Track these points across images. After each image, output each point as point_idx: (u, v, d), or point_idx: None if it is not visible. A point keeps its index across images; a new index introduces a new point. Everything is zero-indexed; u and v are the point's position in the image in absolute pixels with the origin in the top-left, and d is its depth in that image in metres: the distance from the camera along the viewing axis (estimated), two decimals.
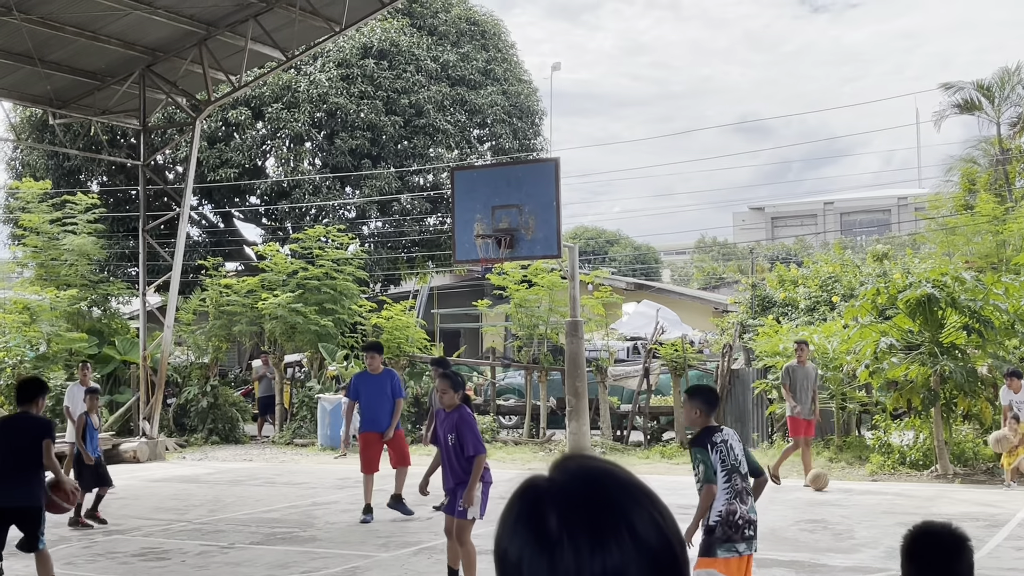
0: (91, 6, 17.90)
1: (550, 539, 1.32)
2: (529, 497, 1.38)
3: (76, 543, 11.71)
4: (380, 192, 30.15)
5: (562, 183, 17.02)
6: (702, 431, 6.92)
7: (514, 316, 23.40)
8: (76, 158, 29.59)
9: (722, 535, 6.73)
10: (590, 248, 61.33)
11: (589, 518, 1.32)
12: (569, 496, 1.35)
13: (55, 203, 25.21)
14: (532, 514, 1.35)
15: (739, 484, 6.81)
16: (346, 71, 30.43)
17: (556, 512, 1.33)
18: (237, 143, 29.98)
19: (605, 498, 1.35)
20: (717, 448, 6.80)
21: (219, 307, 25.28)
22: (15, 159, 31.54)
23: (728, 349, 21.32)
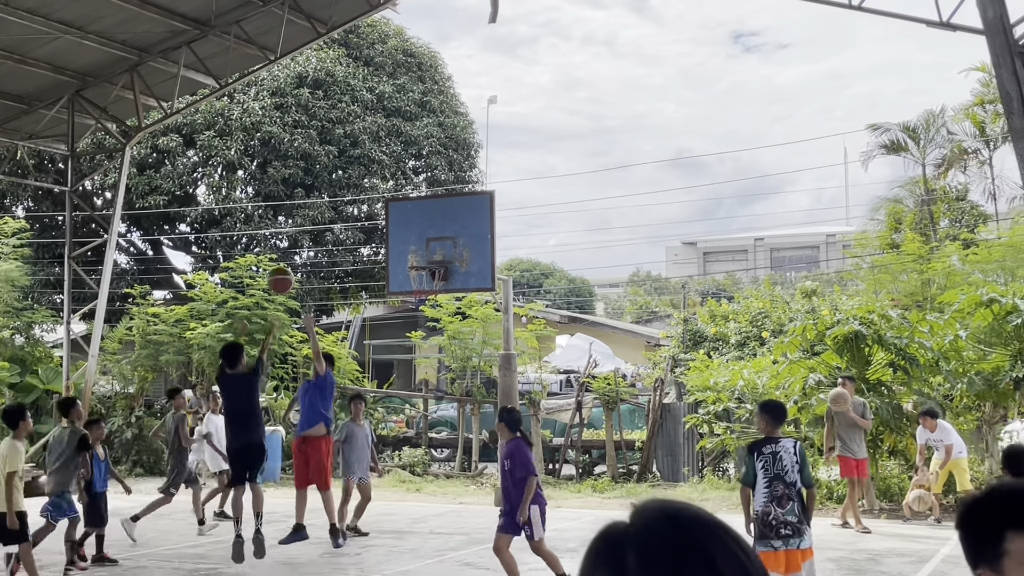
0: (20, 29, 17.56)
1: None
2: (610, 541, 1.38)
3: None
4: (313, 222, 29.92)
5: (497, 215, 17.03)
6: (760, 440, 8.18)
7: (447, 348, 23.31)
8: (1, 183, 28.96)
9: (757, 532, 7.76)
10: (525, 280, 61.47)
11: (670, 559, 1.31)
12: (650, 538, 1.34)
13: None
14: (613, 558, 1.35)
15: (779, 490, 7.83)
16: (280, 100, 30.24)
17: (637, 554, 1.33)
18: (168, 170, 29.59)
19: (686, 538, 1.34)
20: (763, 456, 7.93)
21: (146, 336, 24.83)
22: None
23: (660, 383, 21.42)
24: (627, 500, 18.02)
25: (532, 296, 54.32)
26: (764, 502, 7.82)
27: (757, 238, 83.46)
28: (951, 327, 15.88)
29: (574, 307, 55.58)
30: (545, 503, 10.08)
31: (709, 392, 18.71)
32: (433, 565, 12.17)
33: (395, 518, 16.39)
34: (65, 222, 22.84)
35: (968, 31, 12.27)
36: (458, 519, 16.32)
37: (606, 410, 21.31)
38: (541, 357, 24.62)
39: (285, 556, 12.80)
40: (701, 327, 23.84)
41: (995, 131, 30.53)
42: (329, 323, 32.57)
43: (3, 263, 24.27)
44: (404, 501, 18.87)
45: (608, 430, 21.19)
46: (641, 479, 20.33)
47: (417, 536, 14.48)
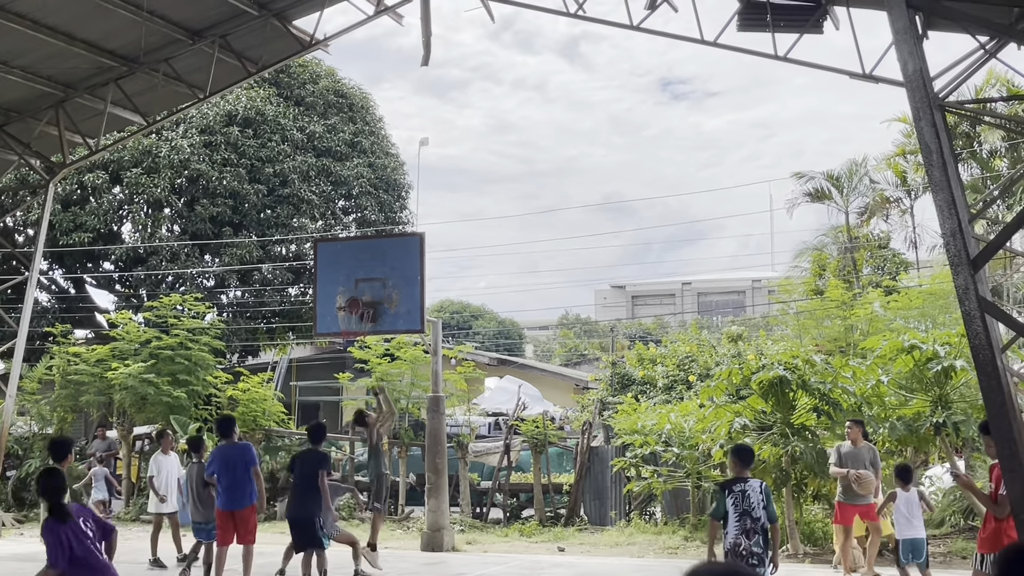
0: None
1: None
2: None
3: None
4: (241, 261, 29.61)
5: (428, 257, 17.00)
6: (731, 479, 9.16)
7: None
8: None
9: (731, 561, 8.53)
10: (455, 322, 61.40)
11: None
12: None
13: None
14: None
15: (747, 524, 8.84)
16: (209, 138, 29.99)
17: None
18: (93, 207, 29.12)
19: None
20: (734, 494, 8.94)
21: (66, 376, 24.30)
22: None
23: (588, 426, 21.47)
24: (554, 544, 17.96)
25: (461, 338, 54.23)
26: (735, 535, 8.79)
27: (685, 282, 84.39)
28: (873, 373, 16.16)
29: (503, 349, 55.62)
30: None
31: (636, 435, 18.78)
32: None
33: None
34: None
35: (890, 83, 12.62)
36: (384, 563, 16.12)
37: (534, 453, 21.28)
38: (470, 399, 24.57)
39: None
40: (629, 370, 23.98)
41: (916, 181, 31.34)
42: (255, 363, 32.16)
43: None
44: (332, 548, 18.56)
45: (536, 473, 21.15)
46: (569, 523, 20.29)
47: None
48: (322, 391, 33.77)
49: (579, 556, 16.83)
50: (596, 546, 17.96)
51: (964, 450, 17.42)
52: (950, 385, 15.88)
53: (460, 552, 17.51)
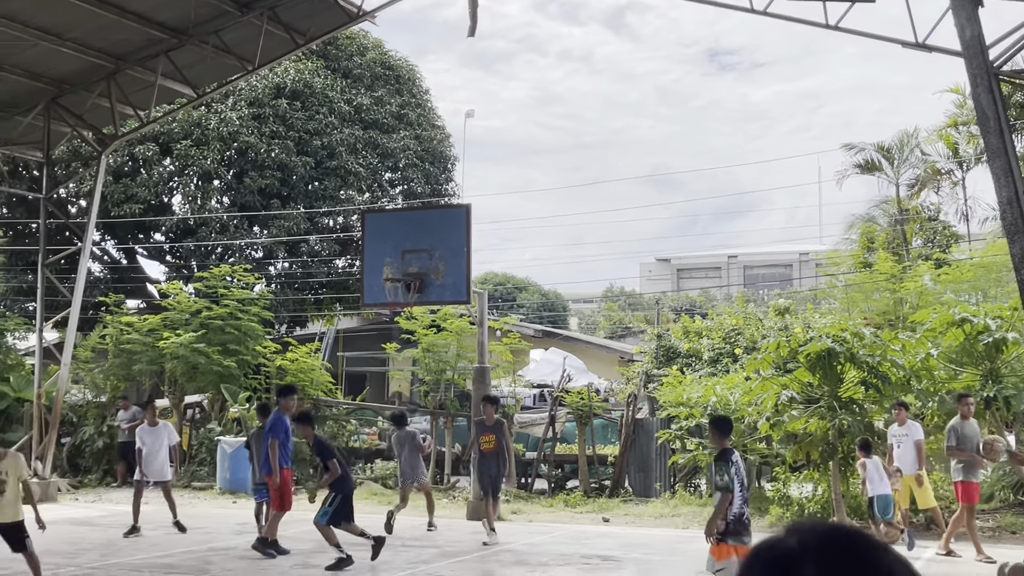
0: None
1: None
2: (780, 558, 1.31)
3: None
4: (289, 232, 29.85)
5: (473, 229, 17.06)
6: (724, 451, 9.14)
7: (422, 361, 23.30)
8: None
9: (734, 530, 8.73)
10: (499, 294, 61.49)
11: (852, 570, 1.27)
12: (828, 550, 1.29)
13: None
14: (788, 572, 1.28)
15: (746, 493, 9.11)
16: (258, 110, 30.19)
17: (817, 567, 1.28)
18: (143, 179, 29.46)
19: (862, 551, 1.30)
20: (736, 465, 8.99)
21: (119, 345, 24.69)
22: None
23: (633, 398, 21.49)
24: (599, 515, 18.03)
25: (506, 310, 54.36)
26: (740, 504, 8.92)
27: (731, 256, 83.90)
28: (923, 346, 16.02)
29: (547, 321, 55.66)
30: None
31: (682, 408, 18.78)
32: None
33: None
34: (39, 230, 22.71)
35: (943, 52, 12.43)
36: (430, 533, 16.30)
37: (579, 425, 21.35)
38: (515, 371, 24.65)
39: (255, 566, 12.75)
40: (674, 343, 23.96)
41: (968, 152, 30.88)
42: (303, 334, 32.48)
43: None
44: (376, 514, 18.80)
45: (581, 445, 21.23)
46: (613, 494, 20.37)
47: (389, 549, 14.43)
48: (369, 362, 34.05)
49: (624, 527, 16.91)
50: (640, 517, 18.03)
51: (1015, 424, 17.24)
52: (1001, 359, 15.72)
53: (505, 521, 17.64)
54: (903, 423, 14.93)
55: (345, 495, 12.90)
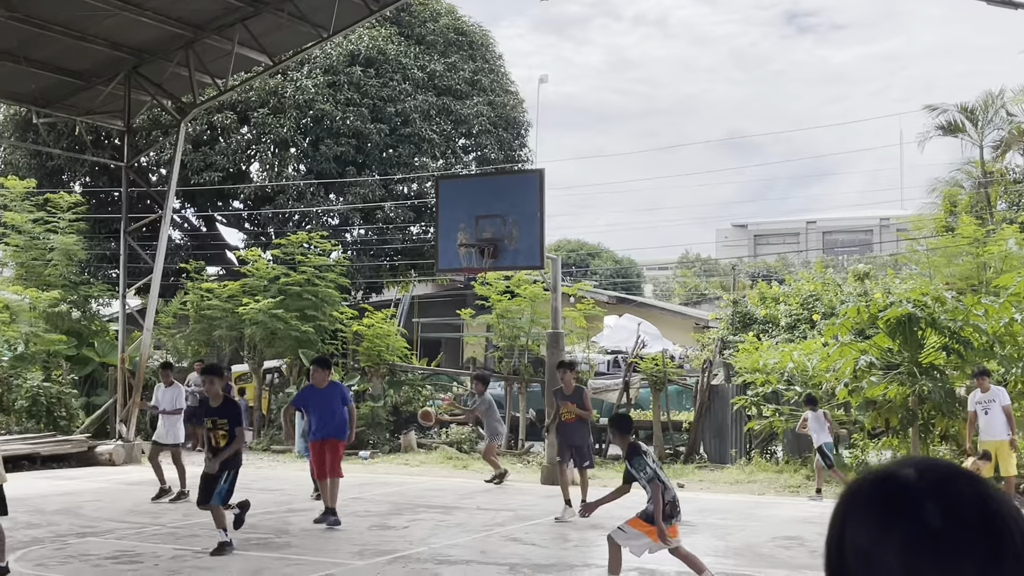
0: (78, 6, 17.82)
1: (939, 536, 1.18)
2: (898, 489, 1.23)
3: (49, 545, 11.61)
4: (364, 200, 30.08)
5: (546, 195, 17.01)
6: (632, 446, 9.37)
7: (496, 327, 23.39)
8: (59, 158, 29.42)
9: (670, 512, 9.11)
10: (572, 261, 61.35)
11: (977, 507, 1.20)
12: (950, 487, 1.22)
13: (37, 203, 25.06)
14: (910, 507, 1.21)
15: (665, 477, 9.29)
16: (333, 78, 30.38)
17: (940, 507, 1.20)
18: (222, 147, 29.87)
19: (981, 487, 1.23)
20: (649, 455, 9.43)
21: (199, 311, 25.16)
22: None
23: (708, 365, 21.34)
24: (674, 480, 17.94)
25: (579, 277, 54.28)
26: (672, 489, 9.29)
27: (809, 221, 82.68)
28: (1007, 311, 15.64)
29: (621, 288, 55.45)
30: None
31: (758, 374, 18.61)
32: (480, 539, 12.26)
33: (442, 493, 16.53)
34: (121, 197, 23.18)
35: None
36: (504, 496, 16.42)
37: (653, 391, 21.28)
38: (589, 337, 24.62)
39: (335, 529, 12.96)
40: (751, 309, 23.70)
41: None
42: (379, 300, 32.79)
43: (61, 237, 24.69)
44: (451, 477, 19.01)
45: (655, 411, 21.17)
46: (688, 460, 20.29)
47: (464, 511, 14.60)
48: (443, 328, 34.26)
49: (699, 492, 16.84)
50: (716, 483, 17.95)
51: None
52: None
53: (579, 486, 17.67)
54: (986, 390, 14.58)
55: (237, 471, 11.47)
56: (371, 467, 20.67)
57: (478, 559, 10.91)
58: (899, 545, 1.19)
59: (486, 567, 10.52)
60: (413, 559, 10.83)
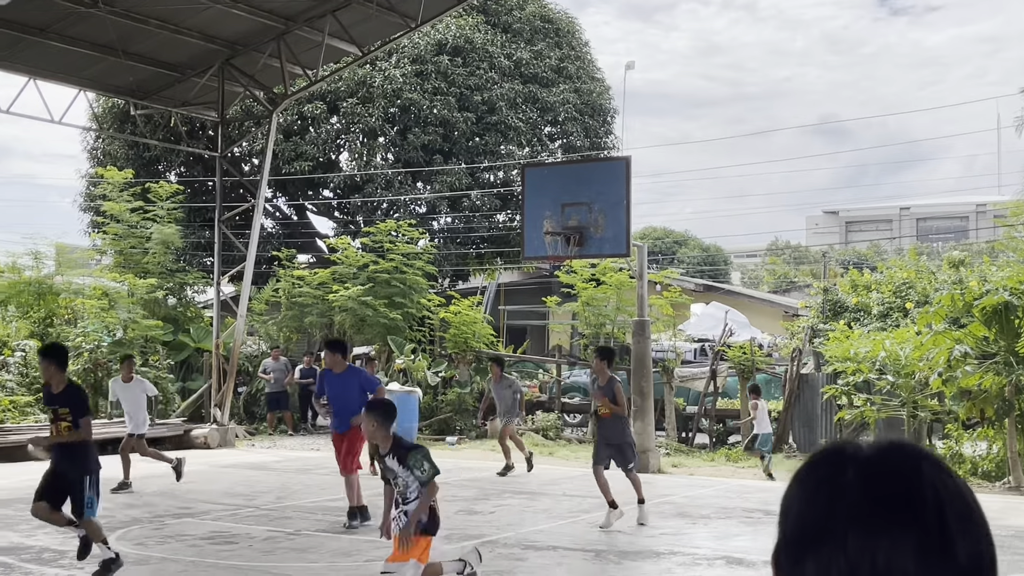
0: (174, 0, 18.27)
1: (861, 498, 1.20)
2: (831, 456, 1.26)
3: (147, 525, 11.98)
4: (451, 188, 30.32)
5: (633, 182, 16.95)
6: (415, 446, 7.78)
7: (581, 314, 23.40)
8: (156, 148, 30.19)
9: (432, 523, 7.66)
10: (658, 248, 60.99)
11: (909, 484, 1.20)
12: (873, 459, 1.23)
13: (135, 192, 25.74)
14: (839, 468, 1.23)
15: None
16: (420, 67, 30.64)
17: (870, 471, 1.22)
18: (312, 137, 30.34)
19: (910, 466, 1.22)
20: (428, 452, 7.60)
21: (291, 298, 25.64)
22: (96, 148, 32.26)
23: (798, 353, 21.09)
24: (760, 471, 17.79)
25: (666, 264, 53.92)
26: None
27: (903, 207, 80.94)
28: None
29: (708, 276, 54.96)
30: None
31: (849, 363, 18.32)
32: (566, 525, 12.33)
33: (528, 480, 16.63)
34: (215, 187, 23.69)
35: None
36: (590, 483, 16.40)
37: (741, 379, 21.10)
38: (675, 325, 24.48)
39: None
40: (842, 297, 23.33)
41: None
42: (465, 288, 33.03)
43: (159, 226, 25.35)
44: (537, 464, 19.10)
45: (743, 399, 20.99)
46: (777, 449, 20.09)
47: (550, 497, 14.69)
48: (529, 315, 34.37)
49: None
50: None
51: None
52: None
53: (665, 474, 17.67)
54: None
55: (98, 474, 9.28)
56: (458, 452, 20.88)
57: (564, 545, 10.98)
58: (823, 501, 1.21)
59: (572, 552, 10.58)
60: (500, 544, 10.94)
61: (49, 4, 17.86)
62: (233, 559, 10.08)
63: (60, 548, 10.29)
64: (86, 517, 9.04)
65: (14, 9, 16.82)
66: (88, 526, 9.11)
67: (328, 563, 10.04)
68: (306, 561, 10.14)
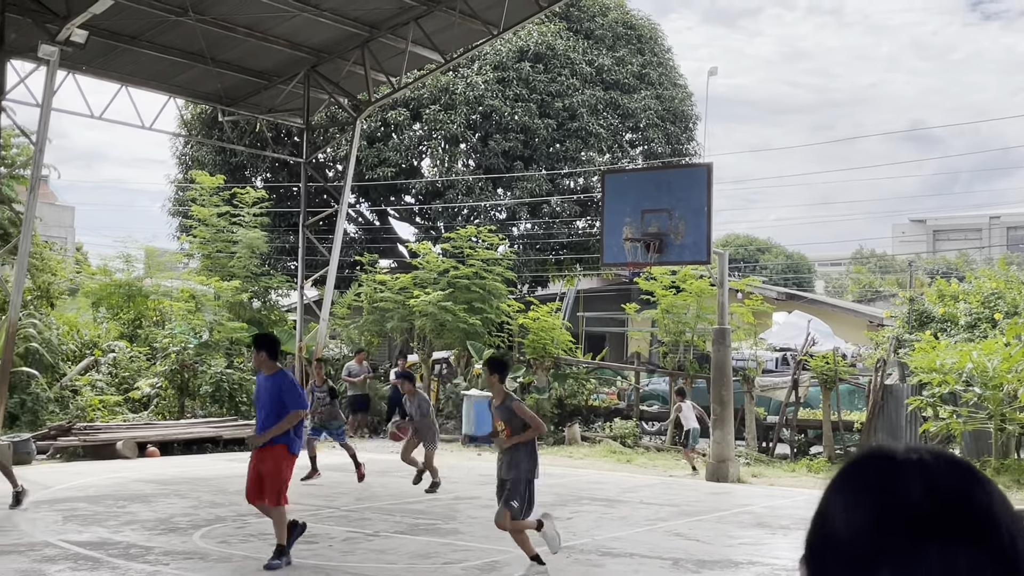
0: (261, 8, 18.63)
1: (915, 508, 1.15)
2: (885, 460, 1.22)
3: (230, 523, 12.22)
4: (531, 194, 30.40)
5: (714, 190, 16.84)
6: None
7: (660, 322, 23.28)
8: (242, 154, 30.77)
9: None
10: (740, 256, 60.37)
11: (963, 497, 1.16)
12: (934, 469, 1.19)
13: (222, 197, 26.27)
14: (890, 477, 1.18)
15: None
16: (502, 74, 30.79)
17: (921, 482, 1.17)
18: (395, 143, 30.67)
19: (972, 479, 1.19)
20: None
21: (373, 303, 25.93)
22: (185, 154, 32.99)
23: (882, 364, 20.73)
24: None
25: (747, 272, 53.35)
26: None
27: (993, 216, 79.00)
28: None
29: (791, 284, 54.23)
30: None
31: (935, 374, 17.95)
32: (643, 533, 12.28)
33: (605, 487, 16.59)
34: (300, 192, 24.08)
35: None
36: (668, 491, 16.37)
37: (824, 389, 20.80)
38: (757, 333, 24.23)
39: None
40: (928, 307, 22.88)
41: None
42: (544, 294, 33.07)
43: (245, 231, 25.83)
44: (614, 471, 19.06)
45: (826, 410, 20.69)
46: None
47: (627, 505, 14.64)
48: (608, 322, 34.29)
49: None
50: None
51: None
52: None
53: (745, 484, 17.49)
54: None
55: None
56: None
57: (641, 552, 10.94)
58: (872, 510, 1.17)
59: (649, 560, 10.54)
60: (576, 550, 10.94)
61: (141, 13, 18.35)
62: (313, 559, 10.23)
63: (146, 544, 10.55)
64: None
65: (108, 17, 17.33)
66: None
67: (407, 564, 10.14)
68: (384, 562, 10.25)
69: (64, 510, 12.76)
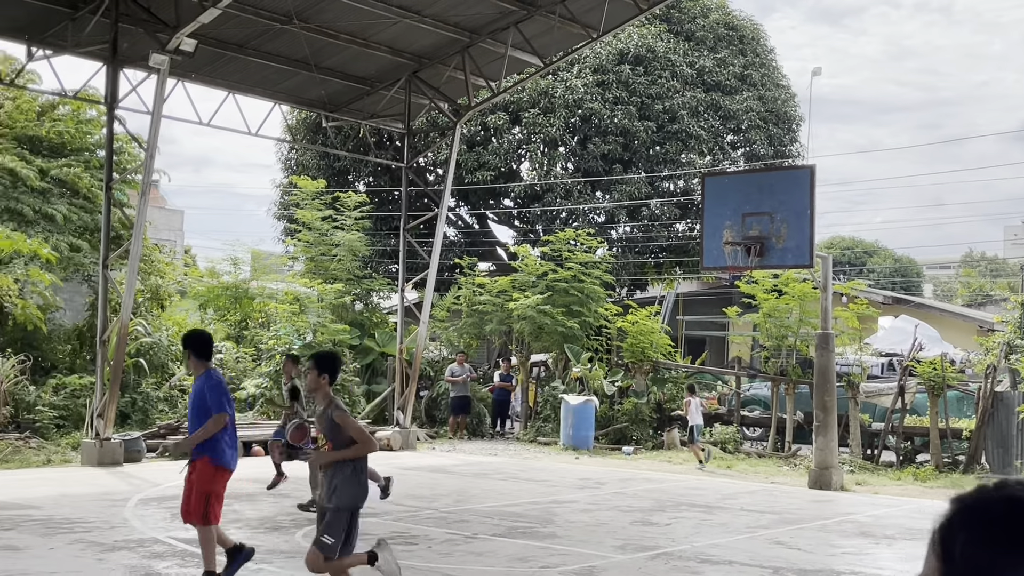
0: (364, 15, 18.94)
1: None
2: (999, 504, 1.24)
3: None
4: (630, 197, 30.28)
5: (819, 191, 16.59)
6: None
7: (762, 326, 22.97)
8: (345, 159, 31.27)
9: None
10: (845, 259, 59.22)
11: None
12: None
13: (326, 201, 26.75)
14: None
15: None
16: (602, 77, 30.73)
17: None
18: (494, 147, 30.84)
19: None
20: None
21: (472, 305, 26.12)
22: (290, 159, 33.66)
23: (992, 370, 20.13)
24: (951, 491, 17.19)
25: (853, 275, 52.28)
26: None
27: None
28: None
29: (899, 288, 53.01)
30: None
31: None
32: (743, 540, 12.14)
33: (705, 493, 16.45)
34: (401, 196, 24.38)
35: None
36: (769, 498, 16.15)
37: (931, 396, 20.29)
38: (861, 338, 23.74)
39: (595, 519, 13.20)
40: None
41: None
42: (643, 297, 32.89)
43: (347, 234, 26.27)
44: (714, 477, 18.87)
45: (933, 417, 20.18)
46: (968, 470, 19.24)
47: (727, 512, 14.49)
48: (708, 326, 33.95)
49: None
50: None
51: None
52: None
53: (848, 492, 17.16)
54: None
55: None
56: (634, 463, 20.82)
57: (741, 560, 10.82)
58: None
59: (749, 568, 10.42)
60: (675, 556, 10.87)
61: (247, 21, 18.81)
62: (412, 559, 10.35)
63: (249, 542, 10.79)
64: None
65: (215, 27, 17.80)
66: None
67: (505, 568, 10.20)
68: (483, 564, 10.33)
69: (172, 508, 13.11)
